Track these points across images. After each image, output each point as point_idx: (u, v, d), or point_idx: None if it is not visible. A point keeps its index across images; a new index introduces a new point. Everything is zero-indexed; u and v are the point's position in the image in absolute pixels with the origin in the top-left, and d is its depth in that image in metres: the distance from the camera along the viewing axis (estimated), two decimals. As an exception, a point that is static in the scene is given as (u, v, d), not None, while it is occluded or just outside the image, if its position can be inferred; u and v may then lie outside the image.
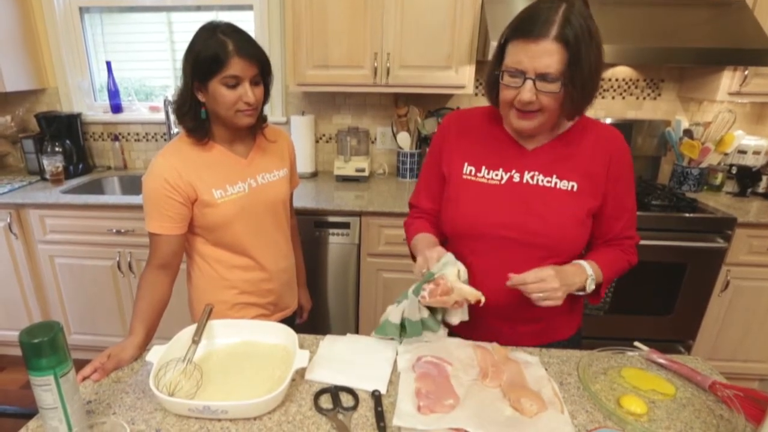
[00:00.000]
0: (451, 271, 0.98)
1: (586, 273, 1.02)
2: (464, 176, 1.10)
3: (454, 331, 1.11)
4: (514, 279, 0.98)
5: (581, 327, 1.24)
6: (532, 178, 1.05)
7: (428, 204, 1.21)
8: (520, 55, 0.91)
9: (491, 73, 1.01)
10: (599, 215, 1.07)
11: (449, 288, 0.97)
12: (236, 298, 1.30)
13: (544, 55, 0.88)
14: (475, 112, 1.16)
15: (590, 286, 1.01)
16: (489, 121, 1.12)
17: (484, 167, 1.09)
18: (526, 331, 1.15)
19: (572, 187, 1.03)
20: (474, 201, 1.08)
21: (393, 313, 1.09)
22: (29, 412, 0.85)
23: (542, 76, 0.90)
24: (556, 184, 1.04)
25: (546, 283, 0.96)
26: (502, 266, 1.03)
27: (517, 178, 1.06)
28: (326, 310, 2.35)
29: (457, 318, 1.07)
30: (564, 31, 0.87)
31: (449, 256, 1.01)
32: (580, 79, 0.90)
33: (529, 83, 0.92)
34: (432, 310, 1.06)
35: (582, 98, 0.94)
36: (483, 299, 0.98)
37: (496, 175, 1.07)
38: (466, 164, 1.11)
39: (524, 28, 0.91)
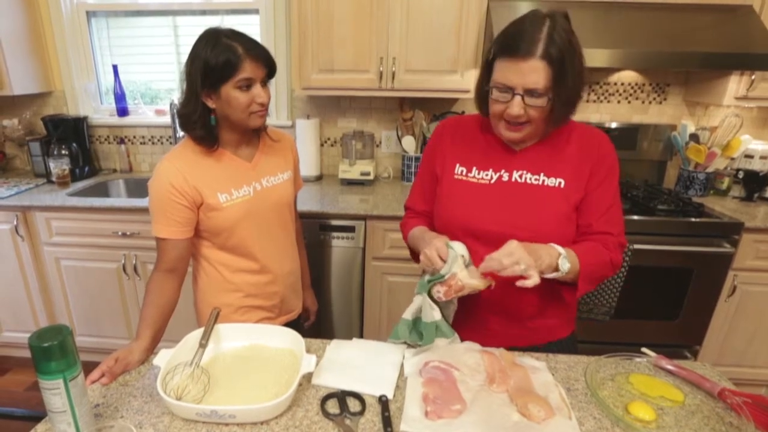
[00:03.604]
0: (459, 266, 1.01)
1: (556, 250, 1.00)
2: (456, 176, 1.15)
3: None
4: (490, 266, 0.95)
5: (575, 330, 1.25)
6: (520, 176, 1.09)
7: (422, 206, 1.26)
8: (508, 73, 0.97)
9: (480, 87, 1.07)
10: (579, 209, 1.09)
11: (461, 286, 1.00)
12: (241, 301, 1.30)
13: (532, 72, 0.94)
14: (468, 118, 1.21)
15: (563, 265, 0.98)
16: (481, 127, 1.16)
17: (474, 168, 1.13)
18: (518, 330, 1.16)
19: (559, 183, 1.07)
20: (464, 199, 1.12)
21: (406, 311, 1.12)
22: (37, 414, 0.86)
23: (530, 92, 0.96)
24: (543, 181, 1.08)
25: (515, 255, 0.93)
26: None
27: (506, 177, 1.10)
28: (330, 314, 2.35)
29: (451, 311, 1.11)
30: (549, 49, 0.92)
31: (452, 252, 1.03)
32: (565, 92, 0.96)
33: (517, 98, 0.97)
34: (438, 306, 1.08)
35: (570, 107, 1.00)
36: (493, 283, 1.02)
37: (486, 174, 1.12)
38: (458, 165, 1.16)
39: (511, 46, 0.96)
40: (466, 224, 1.11)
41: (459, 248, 1.04)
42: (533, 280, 0.92)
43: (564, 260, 0.99)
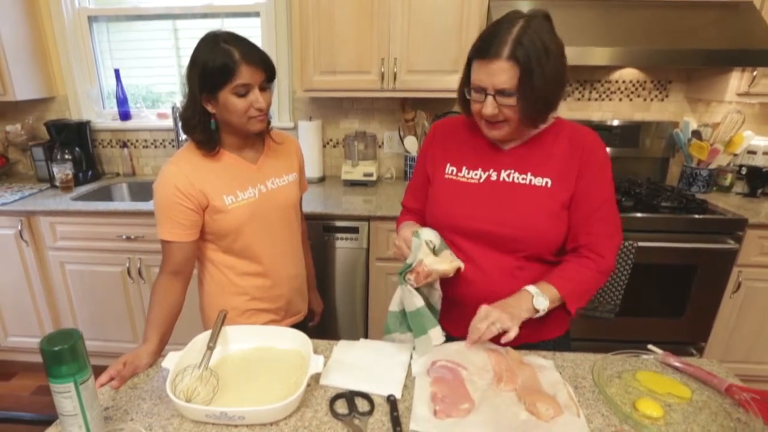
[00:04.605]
0: (424, 252, 1.05)
1: (529, 293, 1.04)
2: (446, 176, 1.18)
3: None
4: (472, 338, 1.02)
5: (569, 330, 1.25)
6: (508, 176, 1.11)
7: (415, 204, 1.30)
8: (480, 74, 1.00)
9: (461, 89, 1.09)
10: (571, 209, 1.10)
11: (428, 272, 1.04)
12: (247, 304, 1.30)
13: (500, 73, 0.97)
14: (459, 119, 1.23)
15: (541, 304, 1.03)
16: (470, 127, 1.18)
17: (464, 168, 1.16)
18: None
19: (546, 183, 1.08)
20: (454, 198, 1.15)
21: (391, 303, 1.15)
22: (46, 418, 0.86)
23: (501, 92, 0.99)
24: (531, 180, 1.09)
25: (490, 317, 1.00)
26: (483, 259, 1.12)
27: (494, 176, 1.12)
28: (335, 315, 2.35)
29: (436, 297, 1.14)
30: (515, 50, 0.95)
31: (415, 240, 1.07)
32: (534, 92, 0.97)
33: (489, 98, 1.00)
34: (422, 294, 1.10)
35: (541, 107, 1.01)
36: (462, 266, 1.08)
37: (475, 174, 1.14)
38: (448, 165, 1.18)
39: (483, 48, 0.99)
40: (456, 223, 1.13)
41: (426, 234, 1.09)
42: (513, 332, 0.98)
43: (539, 298, 1.03)
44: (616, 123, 2.50)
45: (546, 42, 0.96)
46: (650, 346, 1.10)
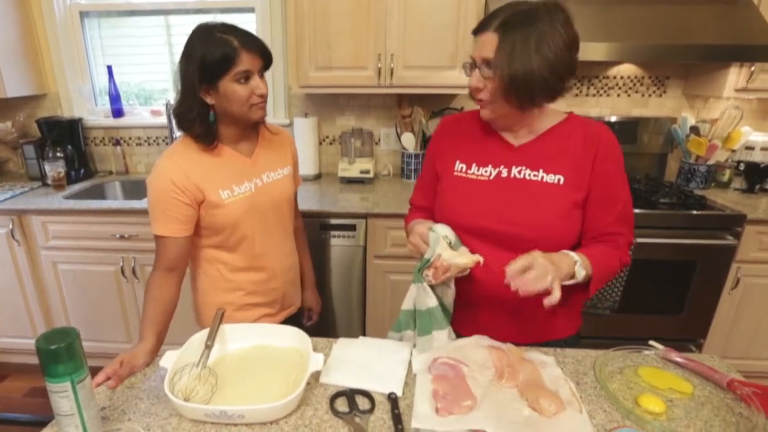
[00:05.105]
0: (442, 246, 1.03)
1: (572, 258, 1.00)
2: (456, 173, 1.15)
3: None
4: (510, 274, 0.92)
5: (581, 329, 1.23)
6: (519, 172, 1.09)
7: (424, 202, 1.27)
8: (473, 49, 1.02)
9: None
10: (586, 207, 1.08)
11: (447, 266, 1.01)
12: (242, 299, 1.30)
13: (486, 44, 0.97)
14: (469, 115, 1.21)
15: (579, 272, 0.98)
16: (481, 123, 1.16)
17: (474, 164, 1.13)
18: (518, 327, 1.15)
19: (559, 180, 1.06)
20: (464, 196, 1.12)
21: (404, 302, 1.13)
22: (41, 419, 0.85)
23: (485, 62, 0.98)
24: (542, 177, 1.07)
25: (549, 270, 0.91)
26: (492, 258, 1.07)
27: (505, 173, 1.10)
28: (332, 313, 2.34)
29: (450, 297, 1.11)
30: (502, 24, 0.95)
31: (432, 235, 1.05)
32: (513, 67, 0.94)
33: (476, 70, 1.01)
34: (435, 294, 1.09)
35: (522, 86, 0.96)
36: (482, 260, 1.04)
37: (486, 171, 1.12)
38: (458, 162, 1.16)
39: (479, 24, 1.01)
40: (465, 221, 1.10)
41: (442, 230, 1.06)
42: (555, 296, 0.90)
43: (580, 268, 0.99)
44: (614, 119, 2.50)
45: (541, 24, 0.93)
46: (651, 342, 1.09)
